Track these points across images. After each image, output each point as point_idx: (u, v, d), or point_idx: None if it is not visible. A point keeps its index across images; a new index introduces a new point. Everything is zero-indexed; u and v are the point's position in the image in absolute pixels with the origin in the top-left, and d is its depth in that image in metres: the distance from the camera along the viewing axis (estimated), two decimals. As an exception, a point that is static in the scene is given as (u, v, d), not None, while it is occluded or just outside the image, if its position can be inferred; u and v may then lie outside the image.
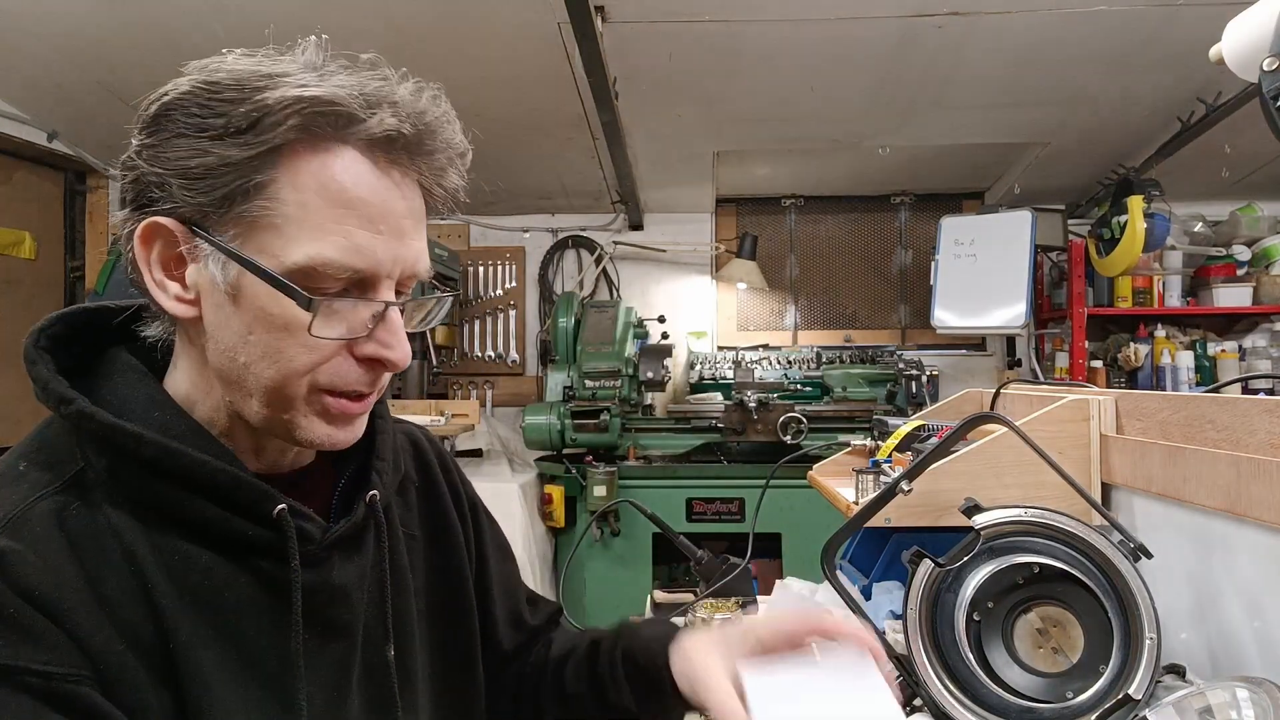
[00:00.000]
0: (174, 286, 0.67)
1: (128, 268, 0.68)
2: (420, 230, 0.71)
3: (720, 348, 4.46)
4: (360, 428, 0.73)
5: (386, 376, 0.72)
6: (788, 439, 3.51)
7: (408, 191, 0.68)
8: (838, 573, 1.21)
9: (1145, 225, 3.43)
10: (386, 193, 0.66)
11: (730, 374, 4.08)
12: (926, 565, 1.02)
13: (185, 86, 0.65)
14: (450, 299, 0.78)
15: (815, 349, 4.18)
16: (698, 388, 4.14)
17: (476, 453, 3.94)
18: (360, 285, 0.67)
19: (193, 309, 0.67)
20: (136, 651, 0.62)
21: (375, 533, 0.78)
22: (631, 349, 3.71)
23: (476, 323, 4.58)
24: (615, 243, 4.49)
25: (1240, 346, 3.98)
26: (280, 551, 0.69)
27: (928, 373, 3.72)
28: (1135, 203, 3.45)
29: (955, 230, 3.79)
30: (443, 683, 0.86)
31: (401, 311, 0.70)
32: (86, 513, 0.64)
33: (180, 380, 0.72)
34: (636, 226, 4.51)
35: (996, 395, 1.57)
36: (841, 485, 1.45)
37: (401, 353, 0.69)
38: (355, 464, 0.80)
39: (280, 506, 0.68)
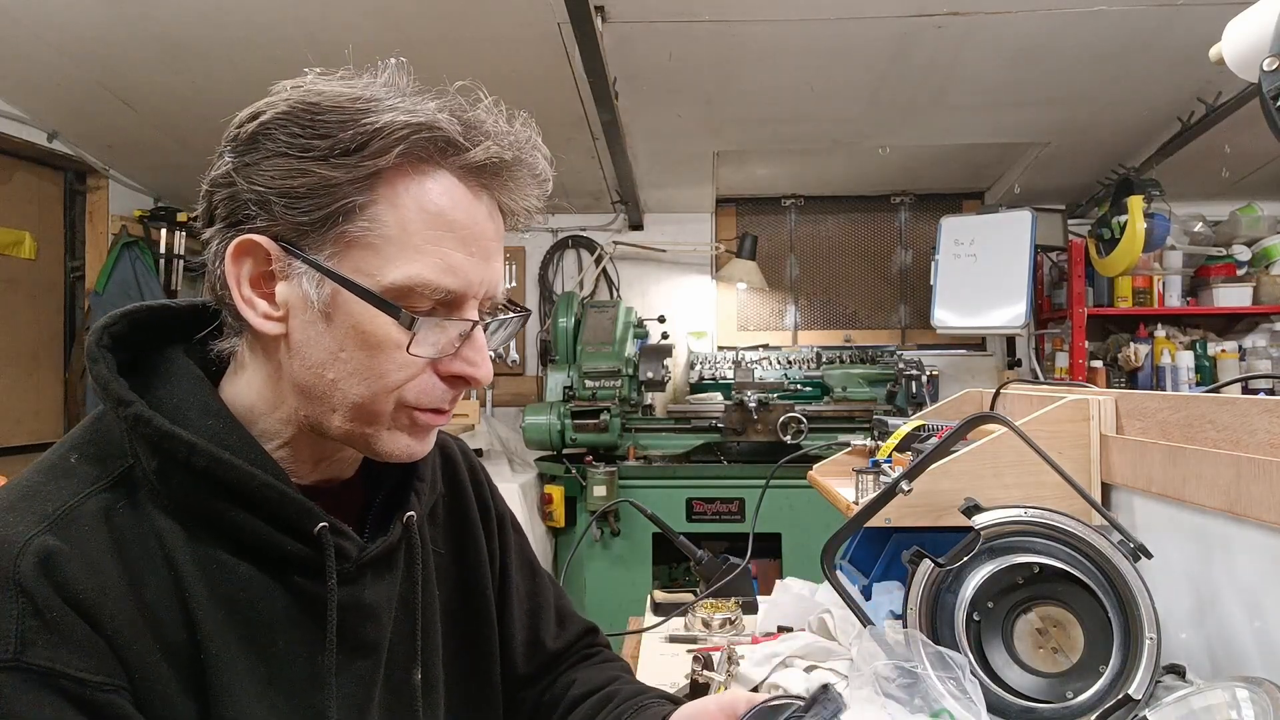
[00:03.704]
0: (262, 304, 0.67)
1: (215, 284, 0.69)
2: (500, 252, 0.72)
3: (720, 348, 4.46)
4: (434, 440, 0.74)
5: (463, 393, 0.73)
6: (788, 439, 3.51)
7: (494, 214, 0.70)
8: (838, 573, 1.21)
9: (1145, 225, 3.43)
10: (479, 216, 0.68)
11: (730, 374, 4.08)
12: (926, 565, 1.02)
13: (282, 107, 0.65)
14: (524, 318, 0.78)
15: (815, 349, 4.18)
16: (698, 388, 4.14)
17: (477, 453, 3.93)
18: (448, 305, 0.68)
19: (280, 326, 0.67)
20: (169, 660, 0.63)
21: (408, 553, 0.78)
22: (631, 349, 3.71)
23: (476, 323, 4.58)
24: (615, 243, 4.49)
25: (1240, 346, 3.98)
26: (317, 568, 0.69)
27: (928, 373, 3.72)
28: (1135, 203, 3.45)
29: (955, 230, 3.79)
30: (462, 699, 0.86)
31: (485, 330, 0.71)
32: (132, 514, 0.65)
33: (244, 390, 0.71)
34: (636, 226, 4.51)
35: (996, 395, 1.57)
36: (841, 485, 1.45)
37: (486, 370, 0.70)
38: (393, 481, 0.80)
39: (321, 524, 0.68)
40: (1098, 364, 4.05)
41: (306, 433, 0.71)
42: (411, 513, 0.77)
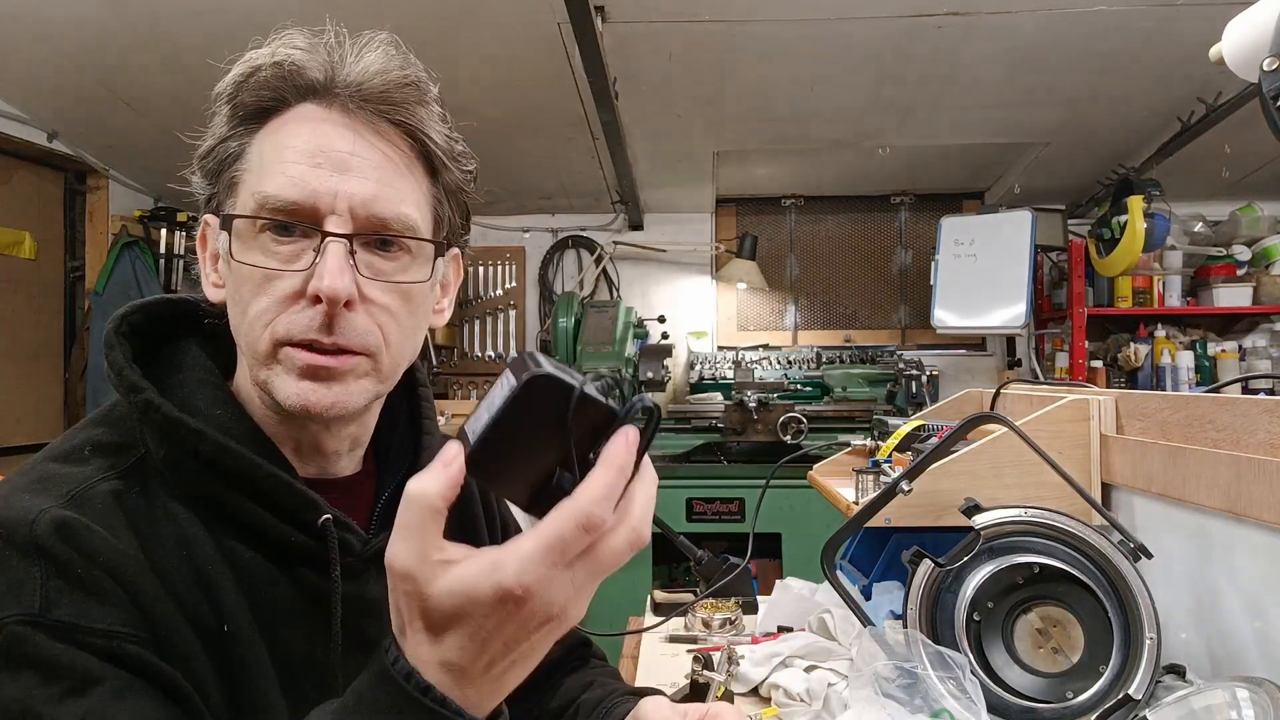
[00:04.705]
0: (212, 274, 0.74)
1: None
2: (387, 175, 0.69)
3: (720, 348, 4.46)
4: (341, 396, 0.68)
5: (349, 329, 0.67)
6: (788, 439, 3.50)
7: (366, 134, 0.69)
8: (838, 573, 1.21)
9: (1145, 225, 3.43)
10: (331, 132, 0.69)
11: (730, 374, 4.08)
12: (926, 565, 1.02)
13: None
14: (434, 246, 0.72)
15: (815, 349, 4.18)
16: (698, 388, 4.14)
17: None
18: (306, 220, 0.67)
19: (222, 292, 0.72)
20: (192, 623, 0.64)
21: None
22: (631, 349, 3.71)
23: (476, 323, 4.58)
24: (615, 243, 4.49)
25: (1240, 346, 3.98)
26: (322, 560, 0.69)
27: (928, 373, 3.72)
28: (1135, 203, 3.45)
29: (955, 230, 3.79)
30: None
31: (354, 253, 0.67)
32: (144, 499, 0.66)
33: (240, 376, 0.74)
34: (636, 226, 4.51)
35: (996, 395, 1.57)
36: (841, 485, 1.45)
37: (329, 283, 0.65)
38: (400, 476, 0.80)
39: (325, 516, 0.68)
40: (1098, 364, 4.05)
41: (270, 406, 0.71)
42: None
